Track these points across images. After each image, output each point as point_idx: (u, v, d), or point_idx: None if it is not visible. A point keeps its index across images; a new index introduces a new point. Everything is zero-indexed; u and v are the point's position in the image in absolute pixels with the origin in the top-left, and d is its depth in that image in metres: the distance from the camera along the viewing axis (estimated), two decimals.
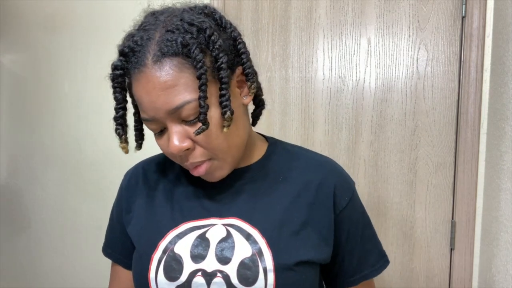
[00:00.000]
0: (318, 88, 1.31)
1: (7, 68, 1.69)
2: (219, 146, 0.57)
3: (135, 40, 0.54)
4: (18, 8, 1.66)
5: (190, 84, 0.53)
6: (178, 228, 0.61)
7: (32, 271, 1.69)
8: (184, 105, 0.52)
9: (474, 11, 1.17)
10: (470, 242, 1.19)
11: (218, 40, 0.54)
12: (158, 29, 0.54)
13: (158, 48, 0.52)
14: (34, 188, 1.67)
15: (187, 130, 0.55)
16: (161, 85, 0.52)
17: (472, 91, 1.18)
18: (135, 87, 0.55)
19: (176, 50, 0.52)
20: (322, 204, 0.63)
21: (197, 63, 0.52)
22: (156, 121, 0.55)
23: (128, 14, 1.49)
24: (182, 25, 0.54)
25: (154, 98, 0.53)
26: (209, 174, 0.60)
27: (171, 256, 0.59)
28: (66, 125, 1.60)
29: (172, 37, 0.52)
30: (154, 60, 0.52)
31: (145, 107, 0.55)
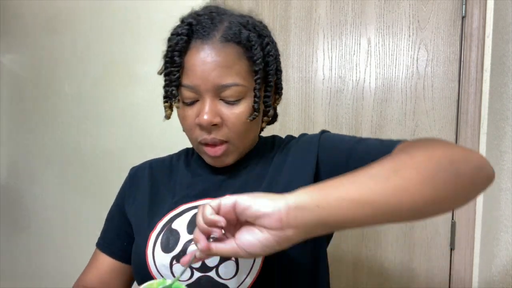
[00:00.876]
0: (318, 88, 1.31)
1: (7, 68, 1.69)
2: (241, 132, 0.63)
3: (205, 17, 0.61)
4: (18, 8, 1.66)
5: (241, 72, 0.61)
6: (176, 210, 0.65)
7: (32, 271, 1.69)
8: (232, 86, 0.60)
9: (474, 11, 1.17)
10: (470, 242, 1.19)
11: (272, 49, 0.65)
12: (226, 18, 0.62)
13: (227, 32, 0.60)
14: (34, 188, 1.67)
15: (221, 108, 0.61)
16: (220, 61, 0.59)
17: (472, 91, 1.18)
18: (192, 55, 0.60)
19: (241, 41, 0.60)
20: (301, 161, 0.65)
21: (257, 58, 0.61)
22: (196, 90, 0.60)
23: (128, 14, 1.50)
24: (248, 24, 0.62)
25: (209, 70, 0.58)
26: (220, 158, 0.64)
27: (169, 230, 0.62)
28: (66, 125, 1.60)
29: (239, 29, 0.60)
30: (220, 40, 0.59)
31: (195, 75, 0.59)
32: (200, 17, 0.61)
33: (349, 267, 1.29)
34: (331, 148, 0.64)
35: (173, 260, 0.60)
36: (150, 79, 1.45)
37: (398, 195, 0.44)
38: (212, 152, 0.63)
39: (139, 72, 1.49)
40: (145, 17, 1.47)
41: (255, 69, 0.61)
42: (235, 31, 0.60)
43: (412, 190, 0.44)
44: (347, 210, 0.43)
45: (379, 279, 1.27)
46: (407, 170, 0.45)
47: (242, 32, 0.60)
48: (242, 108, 0.62)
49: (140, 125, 1.50)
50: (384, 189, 0.44)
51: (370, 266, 1.28)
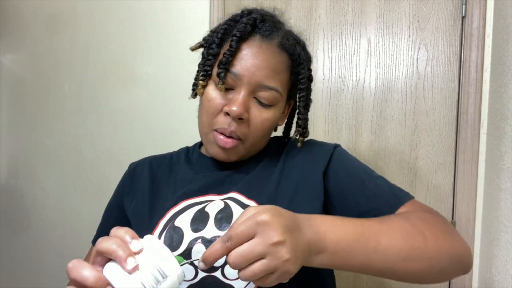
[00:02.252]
0: (318, 88, 1.31)
1: (7, 68, 1.69)
2: (258, 136, 0.65)
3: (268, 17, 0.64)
4: (18, 8, 1.66)
5: (284, 81, 0.64)
6: (177, 206, 0.65)
7: (32, 271, 1.69)
8: (272, 89, 0.62)
9: (474, 11, 1.17)
10: (470, 242, 1.19)
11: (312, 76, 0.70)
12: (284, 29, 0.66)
13: (286, 39, 0.63)
14: (34, 188, 1.67)
15: (252, 105, 0.62)
16: (272, 63, 0.61)
17: (472, 91, 1.18)
18: (248, 47, 0.61)
19: (294, 55, 0.64)
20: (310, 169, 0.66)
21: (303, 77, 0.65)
22: (238, 80, 0.61)
23: (128, 14, 1.50)
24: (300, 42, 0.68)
25: (259, 67, 0.60)
26: (227, 152, 0.65)
27: (172, 228, 0.61)
28: (66, 125, 1.60)
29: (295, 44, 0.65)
30: (279, 44, 0.62)
31: (243, 65, 0.60)
32: (264, 16, 0.64)
33: None
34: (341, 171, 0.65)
35: None
36: (150, 79, 1.45)
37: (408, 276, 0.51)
38: (222, 143, 0.63)
39: (139, 72, 1.49)
40: (145, 17, 1.47)
41: (300, 87, 0.66)
42: (292, 43, 0.64)
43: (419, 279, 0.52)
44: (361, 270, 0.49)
45: (379, 279, 1.27)
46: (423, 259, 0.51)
47: (297, 47, 0.65)
48: (271, 114, 0.63)
49: (140, 125, 1.50)
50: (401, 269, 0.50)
51: None
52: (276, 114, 0.65)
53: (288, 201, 0.62)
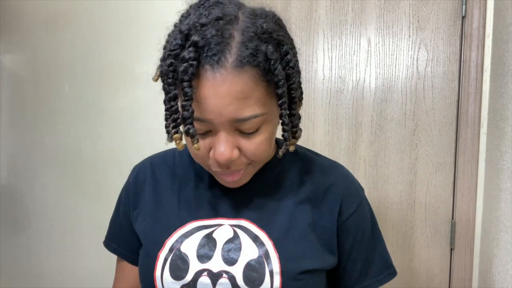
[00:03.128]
0: (318, 88, 1.31)
1: (7, 68, 1.69)
2: (262, 157, 0.57)
3: (212, 33, 0.49)
4: (18, 8, 1.66)
5: (261, 98, 0.51)
6: (185, 227, 0.61)
7: (32, 271, 1.69)
8: (252, 118, 0.51)
9: (474, 11, 1.17)
10: (470, 242, 1.19)
11: (292, 59, 0.54)
12: (236, 28, 0.50)
13: (241, 53, 0.48)
14: (34, 188, 1.67)
15: (238, 139, 0.53)
16: (236, 93, 0.49)
17: (472, 91, 1.18)
18: (202, 85, 0.49)
19: (259, 62, 0.50)
20: (328, 210, 0.62)
21: (279, 80, 0.51)
22: (209, 123, 0.51)
23: (129, 14, 1.50)
24: (263, 34, 0.51)
25: (224, 104, 0.49)
26: (237, 182, 0.58)
27: (177, 254, 0.59)
28: (66, 125, 1.60)
29: (256, 46, 0.49)
30: (234, 65, 0.48)
31: (206, 109, 0.50)
32: (206, 32, 0.49)
33: None
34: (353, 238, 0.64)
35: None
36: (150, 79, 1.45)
37: None
38: (230, 179, 0.58)
39: (139, 72, 1.49)
40: (145, 17, 1.47)
41: (278, 92, 0.52)
42: (250, 51, 0.49)
43: None
44: None
45: None
46: None
47: (259, 49, 0.49)
48: (262, 136, 0.54)
49: (140, 125, 1.50)
50: None
51: None
52: (269, 130, 0.55)
53: (301, 236, 0.60)
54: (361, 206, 0.65)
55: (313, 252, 0.60)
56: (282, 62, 0.53)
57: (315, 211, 0.62)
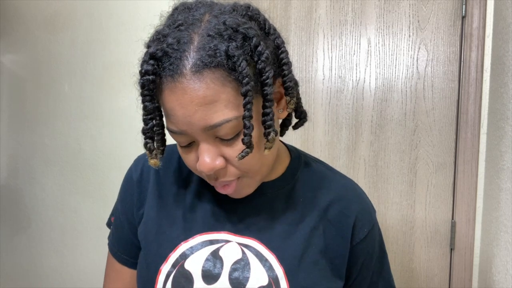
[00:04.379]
0: (318, 88, 1.31)
1: (7, 68, 1.69)
2: (253, 166, 0.52)
3: (169, 42, 0.47)
4: (18, 8, 1.66)
5: (231, 100, 0.47)
6: (190, 241, 0.58)
7: (32, 271, 1.69)
8: (224, 123, 0.47)
9: (474, 11, 1.17)
10: (470, 242, 1.19)
11: (264, 52, 0.48)
12: (197, 31, 0.47)
13: (199, 57, 0.45)
14: (34, 188, 1.67)
15: (221, 147, 0.50)
16: (199, 99, 0.46)
17: (472, 91, 1.18)
18: (166, 97, 0.48)
19: (220, 61, 0.46)
20: (340, 233, 0.60)
21: (243, 78, 0.46)
22: (187, 135, 0.50)
23: (129, 14, 1.50)
24: (226, 30, 0.47)
25: (190, 113, 0.47)
26: (236, 192, 0.56)
27: (181, 272, 0.56)
28: (66, 125, 1.60)
29: (215, 44, 0.46)
30: (193, 71, 0.45)
31: (177, 120, 0.48)
32: (164, 43, 0.47)
33: None
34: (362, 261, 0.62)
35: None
36: None
37: None
38: (223, 191, 0.54)
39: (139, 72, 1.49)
40: (145, 17, 1.47)
41: (241, 91, 0.46)
42: (208, 52, 0.45)
43: None
44: None
45: None
46: None
47: (219, 48, 0.46)
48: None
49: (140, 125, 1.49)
50: None
51: None
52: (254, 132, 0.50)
53: (313, 264, 0.57)
54: (373, 230, 0.63)
55: (323, 280, 0.57)
56: (252, 56, 0.48)
57: (328, 235, 0.59)
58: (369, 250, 0.63)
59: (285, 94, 0.54)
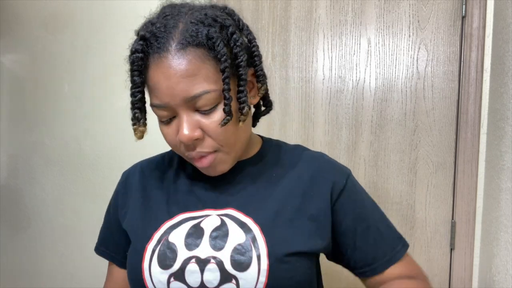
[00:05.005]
0: (318, 88, 1.31)
1: (7, 68, 1.69)
2: (228, 139, 0.59)
3: (157, 26, 0.56)
4: (18, 8, 1.66)
5: (210, 76, 0.55)
6: (173, 219, 0.63)
7: (32, 271, 1.69)
8: (203, 94, 0.54)
9: (474, 11, 1.17)
10: (470, 242, 1.19)
11: (239, 39, 0.57)
12: (182, 19, 0.56)
13: (183, 37, 0.54)
14: (34, 188, 1.67)
15: (199, 119, 0.57)
16: (182, 72, 0.53)
17: (472, 91, 1.18)
18: (153, 72, 0.55)
19: (201, 41, 0.54)
20: (316, 194, 0.64)
21: (221, 56, 0.54)
22: (169, 108, 0.56)
23: (128, 14, 1.50)
24: (206, 19, 0.56)
25: (174, 85, 0.54)
26: (211, 167, 0.61)
27: (165, 245, 0.59)
28: (66, 125, 1.60)
29: (197, 28, 0.54)
30: (177, 48, 0.54)
31: (161, 93, 0.55)
32: (153, 27, 0.56)
33: None
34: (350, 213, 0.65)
35: (170, 278, 0.57)
36: None
37: None
38: (200, 164, 0.60)
39: None
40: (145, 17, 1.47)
41: (220, 68, 0.55)
42: (191, 33, 0.54)
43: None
44: None
45: None
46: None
47: (200, 31, 0.54)
48: (221, 114, 0.56)
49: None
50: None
51: None
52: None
53: (289, 221, 0.61)
54: (350, 180, 0.67)
55: (301, 236, 0.60)
56: (228, 41, 0.56)
57: (305, 198, 0.63)
58: (356, 198, 0.66)
59: (257, 81, 0.64)
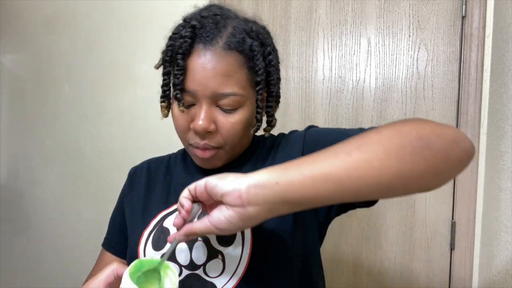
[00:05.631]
0: (318, 88, 1.31)
1: (7, 68, 1.69)
2: (235, 140, 0.63)
3: (209, 21, 0.60)
4: (18, 8, 1.66)
5: (241, 81, 0.60)
6: (169, 209, 0.67)
7: (32, 271, 1.69)
8: (231, 95, 0.59)
9: (474, 11, 1.17)
10: (470, 242, 1.19)
11: (273, 59, 0.64)
12: (230, 23, 0.61)
13: (230, 40, 0.58)
14: (34, 188, 1.67)
15: (217, 115, 0.60)
16: (222, 69, 0.58)
17: (472, 91, 1.18)
18: (193, 59, 0.58)
19: (244, 49, 0.59)
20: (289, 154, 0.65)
21: (259, 69, 0.61)
22: (194, 95, 0.59)
23: (128, 14, 1.50)
24: (252, 32, 0.61)
25: (209, 77, 0.57)
26: (208, 161, 0.64)
27: (159, 229, 0.64)
28: (66, 125, 1.60)
29: (243, 37, 0.60)
30: (223, 47, 0.58)
31: (194, 80, 0.58)
32: (204, 20, 0.60)
33: (349, 267, 1.29)
34: (316, 142, 0.64)
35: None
36: (150, 79, 1.45)
37: (360, 168, 0.43)
38: (200, 154, 0.63)
39: (139, 72, 1.49)
40: (145, 17, 1.47)
41: (256, 79, 0.61)
42: (238, 39, 0.59)
43: (375, 164, 0.44)
44: (308, 186, 0.44)
45: (379, 279, 1.27)
46: (371, 145, 0.45)
47: (246, 40, 0.60)
48: (238, 117, 0.61)
49: (140, 125, 1.50)
50: (346, 163, 0.44)
51: (370, 266, 1.28)
52: (246, 114, 0.62)
53: None
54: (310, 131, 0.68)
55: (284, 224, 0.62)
56: (265, 58, 0.62)
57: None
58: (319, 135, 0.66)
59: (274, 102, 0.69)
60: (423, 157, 0.44)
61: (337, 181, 0.44)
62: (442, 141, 0.46)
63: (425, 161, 0.44)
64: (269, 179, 0.46)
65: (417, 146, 0.45)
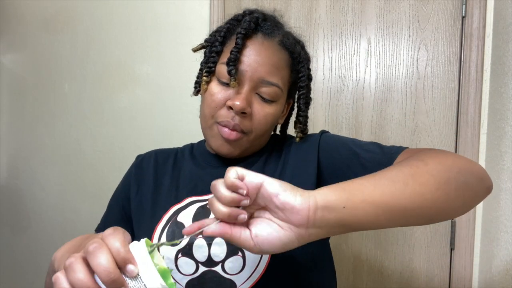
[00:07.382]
0: (318, 88, 1.31)
1: (7, 68, 1.69)
2: (261, 130, 0.65)
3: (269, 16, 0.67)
4: (18, 8, 1.66)
5: (285, 78, 0.66)
6: (181, 203, 0.66)
7: (32, 271, 1.69)
8: (274, 86, 0.63)
9: (474, 11, 1.17)
10: (470, 242, 1.19)
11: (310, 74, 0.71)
12: (284, 28, 0.69)
13: (285, 39, 0.65)
14: (34, 188, 1.67)
15: (254, 101, 0.64)
16: (273, 60, 0.63)
17: (472, 91, 1.18)
18: (252, 43, 0.63)
19: (295, 53, 0.67)
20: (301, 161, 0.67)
21: (302, 76, 0.68)
22: (241, 75, 0.62)
23: (128, 14, 1.50)
24: (300, 42, 0.70)
25: (261, 63, 0.62)
26: (229, 144, 0.65)
27: (174, 224, 0.63)
28: (66, 125, 1.60)
29: (294, 43, 0.67)
30: (279, 42, 0.65)
31: (246, 61, 0.62)
32: (266, 16, 0.67)
33: (349, 267, 1.29)
34: (332, 151, 0.65)
35: (178, 254, 0.59)
36: (150, 79, 1.45)
37: (416, 201, 0.44)
38: (226, 134, 0.63)
39: (139, 72, 1.49)
40: (145, 17, 1.47)
41: (300, 85, 0.68)
42: (292, 42, 0.66)
43: (427, 197, 0.44)
44: (369, 213, 0.43)
45: (379, 279, 1.27)
46: (423, 177, 0.45)
47: (296, 46, 0.67)
48: (272, 109, 0.65)
49: (140, 125, 1.50)
50: (403, 194, 0.44)
51: (370, 266, 1.28)
52: (278, 110, 0.66)
53: None
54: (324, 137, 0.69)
55: None
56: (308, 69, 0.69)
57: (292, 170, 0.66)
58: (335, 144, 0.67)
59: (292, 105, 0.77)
60: (462, 192, 0.47)
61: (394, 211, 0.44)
62: (475, 178, 0.49)
63: (463, 197, 0.47)
64: (337, 203, 0.42)
65: (459, 182, 0.47)
